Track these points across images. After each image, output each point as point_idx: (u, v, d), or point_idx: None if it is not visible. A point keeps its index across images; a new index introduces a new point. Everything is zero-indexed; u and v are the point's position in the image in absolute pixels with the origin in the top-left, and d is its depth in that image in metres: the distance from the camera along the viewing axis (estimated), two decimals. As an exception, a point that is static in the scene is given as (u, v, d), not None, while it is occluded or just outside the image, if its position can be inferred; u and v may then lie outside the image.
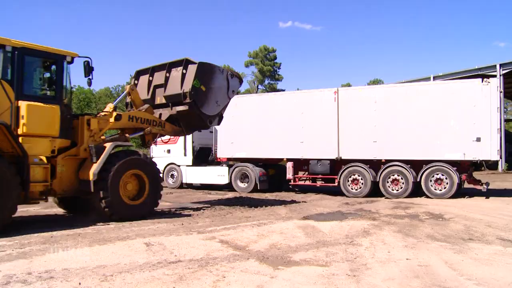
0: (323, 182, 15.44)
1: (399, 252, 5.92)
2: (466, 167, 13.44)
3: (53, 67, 8.78)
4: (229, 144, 16.57)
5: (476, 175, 15.24)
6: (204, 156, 17.92)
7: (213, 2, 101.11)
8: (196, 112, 10.37)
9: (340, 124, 14.45)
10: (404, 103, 13.76)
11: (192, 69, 10.16)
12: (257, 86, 59.13)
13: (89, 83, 9.22)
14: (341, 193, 14.49)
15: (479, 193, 13.55)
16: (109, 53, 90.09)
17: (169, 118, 10.73)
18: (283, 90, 51.02)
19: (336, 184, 14.66)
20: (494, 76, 21.83)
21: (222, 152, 16.91)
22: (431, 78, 27.81)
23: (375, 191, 13.95)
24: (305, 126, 15.05)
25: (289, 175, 15.48)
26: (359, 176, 14.10)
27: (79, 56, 8.94)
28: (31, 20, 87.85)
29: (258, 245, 6.37)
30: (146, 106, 10.48)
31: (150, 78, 10.99)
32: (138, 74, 11.48)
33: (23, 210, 9.89)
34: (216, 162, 17.47)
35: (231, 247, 6.20)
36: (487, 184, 13.60)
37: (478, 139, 12.64)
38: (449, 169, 12.94)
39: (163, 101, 10.68)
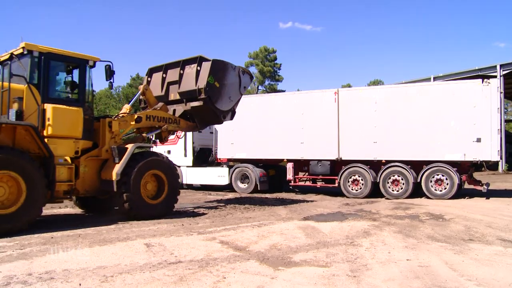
0: (323, 182, 15.44)
1: (400, 252, 5.92)
2: (466, 168, 13.45)
3: (76, 71, 9.03)
4: (229, 145, 16.59)
5: (477, 175, 15.26)
6: (204, 156, 17.92)
7: (213, 2, 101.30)
8: (211, 108, 10.61)
9: (340, 125, 14.46)
10: (404, 103, 13.76)
11: (206, 66, 10.36)
12: (257, 87, 59.03)
13: (110, 86, 9.60)
14: (341, 194, 14.50)
15: (479, 194, 13.56)
16: (109, 53, 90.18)
17: (182, 114, 10.97)
18: (284, 91, 50.91)
19: (336, 185, 14.66)
20: (495, 76, 21.81)
21: (222, 152, 16.92)
22: (431, 79, 27.83)
23: (375, 192, 13.96)
24: (305, 127, 15.06)
25: (290, 175, 15.49)
26: (359, 176, 14.10)
27: (101, 60, 9.18)
28: (31, 20, 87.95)
29: (259, 245, 6.37)
30: (160, 104, 10.67)
31: (164, 75, 11.19)
32: (151, 71, 11.65)
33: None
34: (217, 163, 17.48)
35: (232, 247, 6.21)
36: (488, 184, 13.62)
37: (479, 140, 12.65)
38: (449, 169, 12.94)
39: (177, 97, 10.88)
